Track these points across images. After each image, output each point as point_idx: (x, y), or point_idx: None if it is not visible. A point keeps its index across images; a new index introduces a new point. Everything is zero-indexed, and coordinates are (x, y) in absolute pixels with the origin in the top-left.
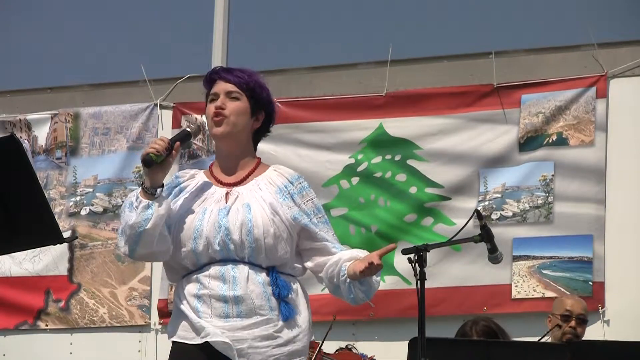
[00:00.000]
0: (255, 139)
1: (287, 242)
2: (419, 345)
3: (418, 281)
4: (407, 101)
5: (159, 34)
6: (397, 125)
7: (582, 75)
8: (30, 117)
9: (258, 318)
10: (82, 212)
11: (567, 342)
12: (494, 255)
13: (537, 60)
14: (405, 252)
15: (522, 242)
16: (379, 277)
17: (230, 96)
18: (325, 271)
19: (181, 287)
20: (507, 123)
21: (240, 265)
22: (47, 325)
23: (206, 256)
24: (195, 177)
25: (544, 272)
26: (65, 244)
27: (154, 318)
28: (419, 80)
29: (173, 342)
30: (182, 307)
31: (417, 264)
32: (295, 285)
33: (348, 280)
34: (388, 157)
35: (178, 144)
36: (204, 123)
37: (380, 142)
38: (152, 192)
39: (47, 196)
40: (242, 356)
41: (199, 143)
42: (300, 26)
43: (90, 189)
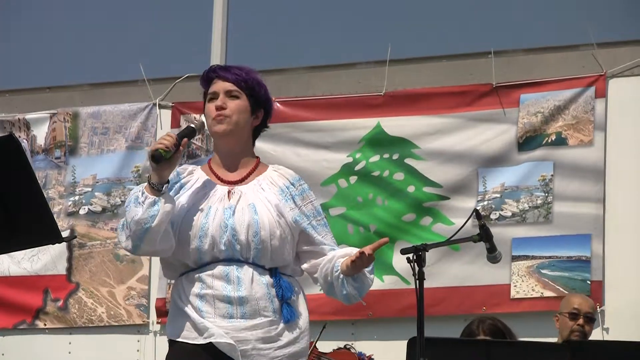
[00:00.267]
0: (254, 136)
1: (290, 244)
2: (418, 345)
3: (417, 281)
4: (406, 100)
5: (158, 34)
6: (396, 125)
7: (581, 75)
8: (29, 116)
9: (262, 319)
10: (81, 212)
11: (566, 341)
12: (493, 254)
13: (536, 60)
14: (404, 251)
15: (521, 242)
16: (372, 276)
17: (230, 95)
18: (320, 270)
19: (181, 285)
20: (506, 123)
21: (245, 266)
22: (45, 324)
23: (210, 255)
24: (194, 173)
25: (543, 271)
26: (64, 244)
27: (152, 317)
28: (418, 79)
29: (173, 341)
30: (183, 306)
31: (415, 263)
32: (297, 287)
33: (341, 276)
34: (386, 156)
35: (185, 140)
36: (204, 122)
37: (379, 141)
38: (158, 188)
39: (45, 196)
40: (246, 357)
41: (197, 142)
42: (299, 26)
43: (89, 189)
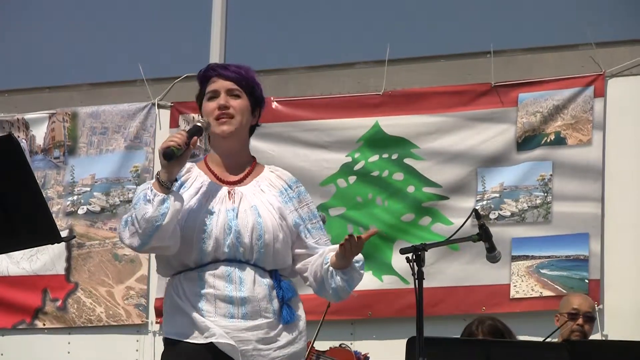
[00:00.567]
0: (249, 134)
1: (290, 247)
2: (417, 345)
3: (416, 281)
4: (405, 100)
5: (157, 34)
6: (394, 124)
7: (580, 74)
8: (28, 116)
9: (262, 320)
10: (80, 212)
11: (565, 341)
12: (492, 254)
13: (535, 60)
14: (403, 251)
15: (521, 242)
16: (362, 272)
17: (232, 94)
18: (311, 267)
19: (179, 283)
20: (505, 122)
21: (247, 267)
22: (44, 324)
23: (211, 256)
24: (191, 171)
25: (542, 271)
26: (63, 244)
27: (152, 317)
28: (417, 79)
29: (171, 339)
30: (182, 304)
31: (415, 263)
32: (295, 288)
33: (331, 268)
34: (385, 156)
35: (196, 138)
36: (209, 121)
37: (377, 140)
38: (167, 185)
39: (44, 195)
40: (247, 358)
41: None
42: (298, 25)
43: (88, 189)
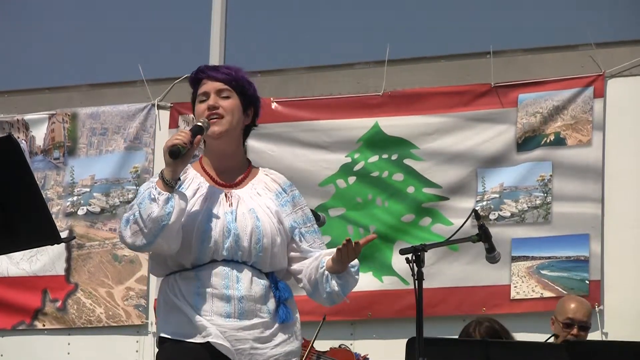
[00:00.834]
0: (244, 135)
1: (286, 250)
2: (417, 345)
3: (416, 281)
4: (404, 101)
5: (157, 34)
6: (394, 124)
7: (580, 75)
8: (28, 117)
9: (258, 320)
10: (80, 212)
11: (565, 341)
12: (492, 254)
13: (535, 60)
14: (403, 252)
15: (521, 242)
16: (357, 277)
17: (222, 95)
18: (306, 269)
19: (175, 282)
20: (504, 123)
21: (244, 267)
22: (44, 325)
23: (209, 257)
24: (187, 172)
25: (543, 272)
26: (63, 244)
27: (151, 318)
28: (417, 79)
29: (166, 338)
30: (179, 303)
31: (414, 264)
32: (290, 289)
33: (326, 272)
34: (385, 156)
35: (199, 137)
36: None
37: (377, 141)
38: (171, 184)
39: (44, 196)
40: (244, 357)
41: None
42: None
43: (88, 189)
